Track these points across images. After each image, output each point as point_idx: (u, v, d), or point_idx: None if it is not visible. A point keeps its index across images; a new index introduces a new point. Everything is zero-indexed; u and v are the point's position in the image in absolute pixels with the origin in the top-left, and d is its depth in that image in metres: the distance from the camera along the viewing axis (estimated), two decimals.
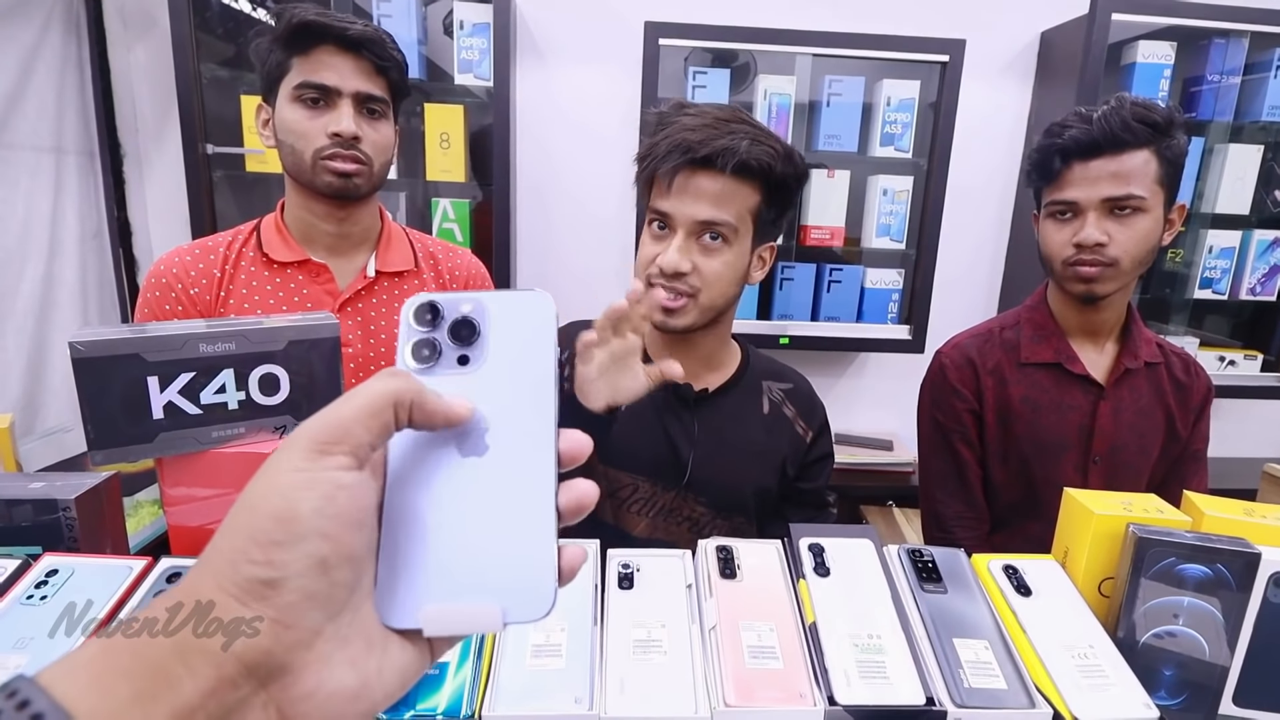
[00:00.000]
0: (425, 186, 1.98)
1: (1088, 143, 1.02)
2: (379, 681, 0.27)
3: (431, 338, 0.32)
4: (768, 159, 0.89)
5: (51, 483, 0.74)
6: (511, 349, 0.32)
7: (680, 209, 0.90)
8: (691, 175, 0.89)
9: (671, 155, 0.88)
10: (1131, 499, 0.78)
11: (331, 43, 1.01)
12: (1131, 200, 1.02)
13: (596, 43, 2.02)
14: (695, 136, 0.88)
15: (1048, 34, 2.03)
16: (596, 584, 0.71)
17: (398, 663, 0.28)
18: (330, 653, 0.25)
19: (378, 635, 0.28)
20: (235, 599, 0.24)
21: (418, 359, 0.32)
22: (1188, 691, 0.68)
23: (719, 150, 0.87)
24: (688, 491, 0.99)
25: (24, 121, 1.71)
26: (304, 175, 1.05)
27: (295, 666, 0.24)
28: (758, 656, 0.63)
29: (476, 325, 0.32)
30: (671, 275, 0.91)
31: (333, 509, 0.25)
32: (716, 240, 0.92)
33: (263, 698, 0.24)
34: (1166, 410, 1.16)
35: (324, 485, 0.25)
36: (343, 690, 0.25)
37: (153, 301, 1.06)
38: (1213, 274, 2.02)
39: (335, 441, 0.26)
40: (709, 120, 0.90)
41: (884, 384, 2.30)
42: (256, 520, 0.24)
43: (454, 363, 0.32)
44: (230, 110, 1.82)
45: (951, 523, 1.19)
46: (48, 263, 1.78)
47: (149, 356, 0.61)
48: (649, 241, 0.95)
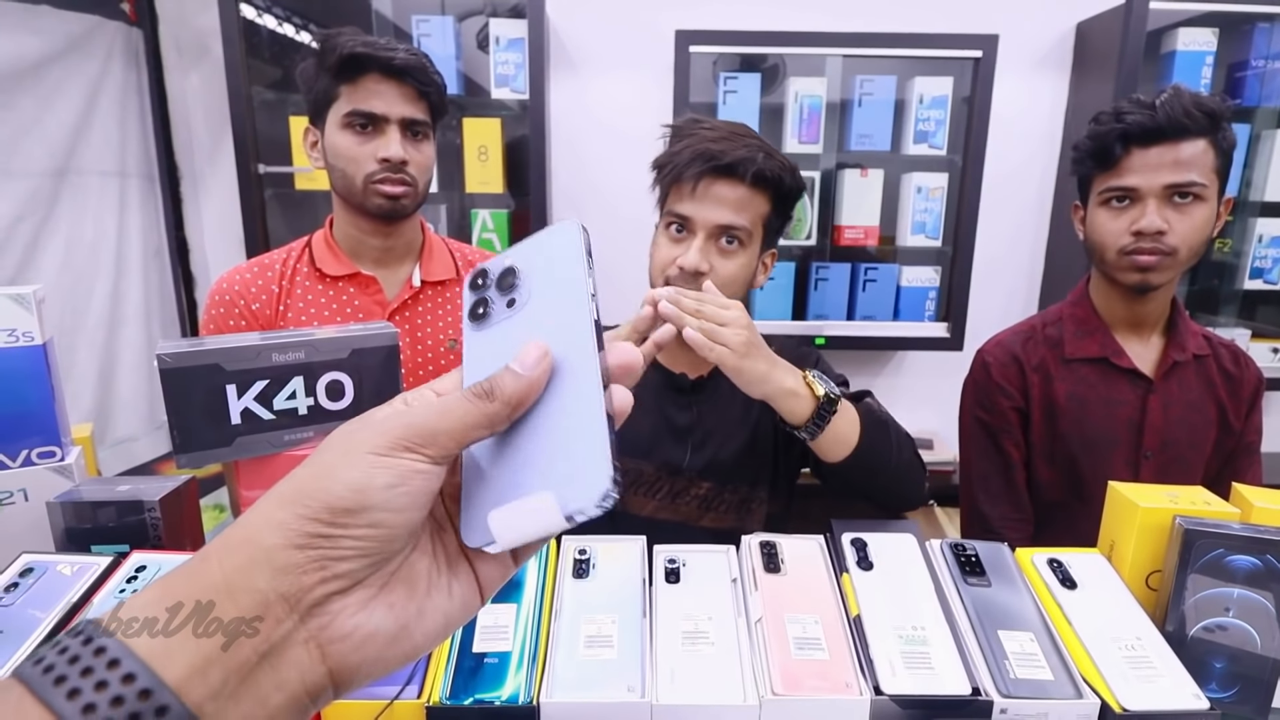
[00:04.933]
0: (464, 198, 2.03)
1: (1152, 128, 1.01)
2: (419, 625, 0.29)
3: (484, 296, 0.35)
4: (779, 171, 0.98)
5: (136, 485, 0.80)
6: (549, 279, 0.33)
7: (701, 213, 0.97)
8: (713, 182, 0.96)
9: (695, 162, 0.95)
10: (1178, 492, 0.77)
11: (377, 71, 1.06)
12: (1193, 187, 1.01)
13: (628, 53, 2.05)
14: (717, 146, 0.95)
15: (1084, 25, 2.00)
16: (645, 578, 0.74)
17: (441, 607, 0.30)
18: (369, 598, 0.28)
19: (421, 582, 0.29)
20: (295, 548, 0.26)
21: (474, 319, 0.34)
22: (1239, 684, 0.68)
23: (740, 160, 0.95)
24: (691, 473, 1.06)
25: (90, 148, 1.82)
26: (355, 197, 1.10)
27: (333, 608, 0.27)
28: (803, 648, 0.65)
29: (516, 269, 0.34)
30: (692, 274, 0.97)
31: (406, 488, 0.28)
32: (732, 244, 0.99)
33: (303, 634, 0.26)
34: (1218, 403, 1.13)
35: (402, 469, 0.28)
36: (381, 633, 0.27)
37: (217, 318, 1.13)
38: (1263, 263, 1.96)
39: (423, 445, 0.28)
40: (726, 133, 0.97)
41: (922, 382, 2.28)
42: (332, 487, 0.27)
43: (504, 309, 0.34)
44: (280, 130, 1.90)
45: (997, 524, 1.18)
46: (114, 280, 1.89)
47: (227, 366, 0.66)
48: (666, 244, 1.02)
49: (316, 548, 0.26)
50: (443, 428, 0.29)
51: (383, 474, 0.27)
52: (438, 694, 0.61)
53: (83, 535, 0.78)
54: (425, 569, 0.30)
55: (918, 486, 0.99)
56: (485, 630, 0.67)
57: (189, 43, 2.02)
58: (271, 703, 0.25)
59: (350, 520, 0.27)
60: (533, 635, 0.67)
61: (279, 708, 0.25)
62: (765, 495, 1.09)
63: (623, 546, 0.78)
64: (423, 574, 0.30)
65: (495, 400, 0.29)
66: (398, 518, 0.28)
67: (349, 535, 0.27)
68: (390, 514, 0.27)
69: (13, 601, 0.66)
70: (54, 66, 1.71)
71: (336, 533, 0.26)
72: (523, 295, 0.34)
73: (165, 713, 0.22)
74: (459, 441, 0.29)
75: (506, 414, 0.30)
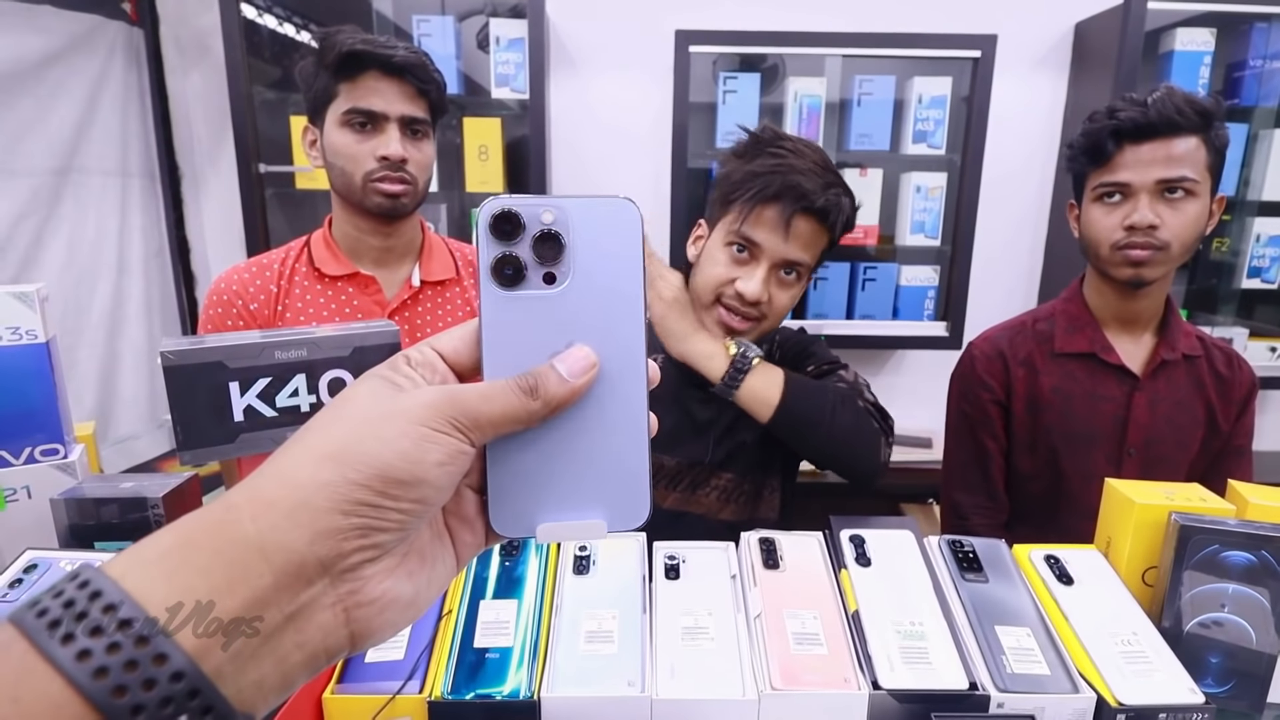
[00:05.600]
0: (464, 198, 2.04)
1: (1144, 124, 1.02)
2: (426, 591, 0.30)
3: (514, 254, 0.30)
4: (852, 214, 1.00)
5: (139, 482, 0.80)
6: (599, 263, 0.30)
7: (774, 244, 0.96)
8: (796, 218, 0.95)
9: (787, 197, 0.94)
10: (1174, 489, 0.78)
11: (377, 69, 1.06)
12: (1184, 183, 1.02)
13: (627, 52, 2.06)
14: (809, 184, 0.94)
15: (1082, 25, 2.01)
16: (645, 574, 0.74)
17: (440, 575, 0.31)
18: (393, 566, 0.28)
19: (430, 552, 0.30)
20: (341, 513, 0.26)
21: (500, 279, 0.30)
22: (1234, 679, 0.68)
23: (831, 205, 0.95)
24: (713, 465, 1.08)
25: (92, 148, 1.82)
26: (354, 196, 1.10)
27: (364, 575, 0.27)
28: (802, 643, 0.66)
29: (562, 240, 0.30)
30: (751, 303, 0.97)
31: (453, 467, 0.28)
32: (791, 275, 1.00)
33: (332, 597, 0.26)
34: (1207, 403, 1.14)
35: (451, 448, 0.28)
36: (400, 599, 0.28)
37: (215, 318, 1.13)
38: (1261, 262, 1.97)
39: (469, 429, 0.29)
40: (813, 165, 0.96)
41: (922, 381, 2.29)
42: (385, 455, 0.27)
43: (540, 282, 0.30)
44: (280, 130, 1.91)
45: (968, 511, 1.21)
46: (116, 280, 1.89)
47: (230, 363, 0.66)
48: (726, 262, 0.99)
49: (362, 515, 0.26)
50: (485, 413, 0.29)
51: (435, 450, 0.27)
52: (440, 689, 0.62)
53: (86, 532, 0.78)
54: (430, 539, 0.31)
55: (869, 453, 0.98)
56: (487, 626, 0.68)
57: (190, 42, 2.02)
58: (290, 660, 0.25)
59: (400, 492, 0.27)
60: (534, 631, 0.67)
61: (296, 665, 0.26)
62: (778, 484, 1.11)
63: (623, 543, 0.79)
64: (428, 544, 0.31)
65: (538, 399, 0.30)
66: (439, 495, 0.28)
67: (396, 507, 0.27)
68: (435, 491, 0.28)
69: (17, 598, 0.67)
70: (55, 66, 1.72)
71: (385, 503, 0.27)
72: (564, 270, 0.30)
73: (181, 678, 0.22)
74: (497, 430, 0.30)
75: (544, 414, 0.30)
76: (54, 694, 0.21)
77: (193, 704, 0.22)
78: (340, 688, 0.63)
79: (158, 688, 0.22)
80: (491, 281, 0.30)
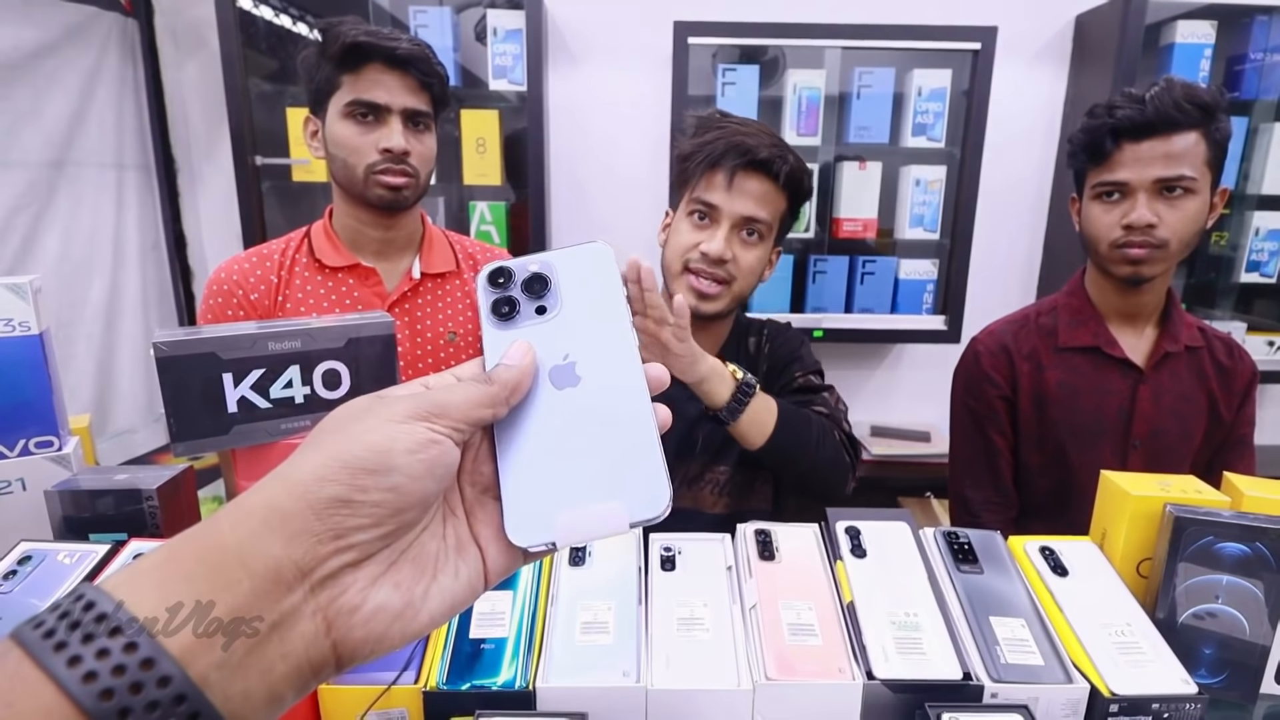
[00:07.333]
0: (462, 190, 2.03)
1: (1141, 122, 1.02)
2: (424, 605, 0.29)
3: (508, 295, 0.36)
4: (801, 174, 1.03)
5: (134, 475, 0.80)
6: (583, 293, 0.35)
7: (729, 203, 1.00)
8: (745, 175, 0.99)
9: (730, 154, 0.98)
10: (1170, 480, 0.78)
11: (380, 61, 1.05)
12: (1183, 181, 1.02)
13: (626, 44, 2.05)
14: (752, 140, 0.98)
15: (1082, 17, 2.00)
16: (640, 566, 0.74)
17: (447, 589, 0.30)
18: (378, 574, 0.28)
19: (429, 564, 0.30)
20: (313, 513, 0.26)
21: (498, 315, 0.35)
22: (1228, 670, 0.68)
23: (773, 157, 0.98)
24: (704, 458, 1.08)
25: (87, 140, 1.81)
26: (355, 187, 1.10)
27: (344, 582, 0.27)
28: (797, 634, 0.66)
29: (547, 278, 0.36)
30: (715, 261, 0.99)
31: (424, 454, 0.29)
32: (753, 236, 1.03)
33: (312, 605, 0.26)
34: (1209, 394, 1.14)
35: (419, 436, 0.29)
36: (386, 609, 0.28)
37: (215, 308, 1.12)
38: (1260, 257, 1.97)
39: (438, 416, 0.30)
40: (755, 130, 1.01)
41: (920, 375, 2.29)
42: (353, 449, 0.28)
43: (532, 313, 0.35)
44: (277, 122, 1.90)
45: (978, 507, 1.21)
46: (113, 273, 1.89)
47: (223, 354, 0.66)
48: (688, 230, 1.03)
49: (335, 514, 0.27)
50: (451, 401, 0.30)
51: (403, 438, 0.28)
52: (435, 679, 0.62)
53: (81, 524, 0.78)
54: (434, 551, 0.31)
55: (839, 484, 1.03)
56: (482, 616, 0.68)
57: (185, 34, 2.01)
58: (275, 672, 0.25)
59: (370, 482, 0.27)
60: (529, 621, 0.67)
61: (282, 678, 0.26)
62: (770, 474, 1.12)
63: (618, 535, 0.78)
64: (431, 556, 0.30)
65: (495, 383, 0.32)
66: (414, 485, 0.28)
67: (368, 499, 0.27)
68: (408, 480, 0.28)
69: (11, 589, 0.66)
70: (50, 57, 1.71)
71: (357, 496, 0.27)
72: (553, 303, 0.35)
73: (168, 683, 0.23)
74: (466, 416, 0.31)
75: (503, 396, 0.32)
76: (46, 699, 0.22)
77: (179, 709, 0.23)
78: (336, 678, 0.63)
79: (144, 691, 0.22)
80: (491, 320, 0.35)
